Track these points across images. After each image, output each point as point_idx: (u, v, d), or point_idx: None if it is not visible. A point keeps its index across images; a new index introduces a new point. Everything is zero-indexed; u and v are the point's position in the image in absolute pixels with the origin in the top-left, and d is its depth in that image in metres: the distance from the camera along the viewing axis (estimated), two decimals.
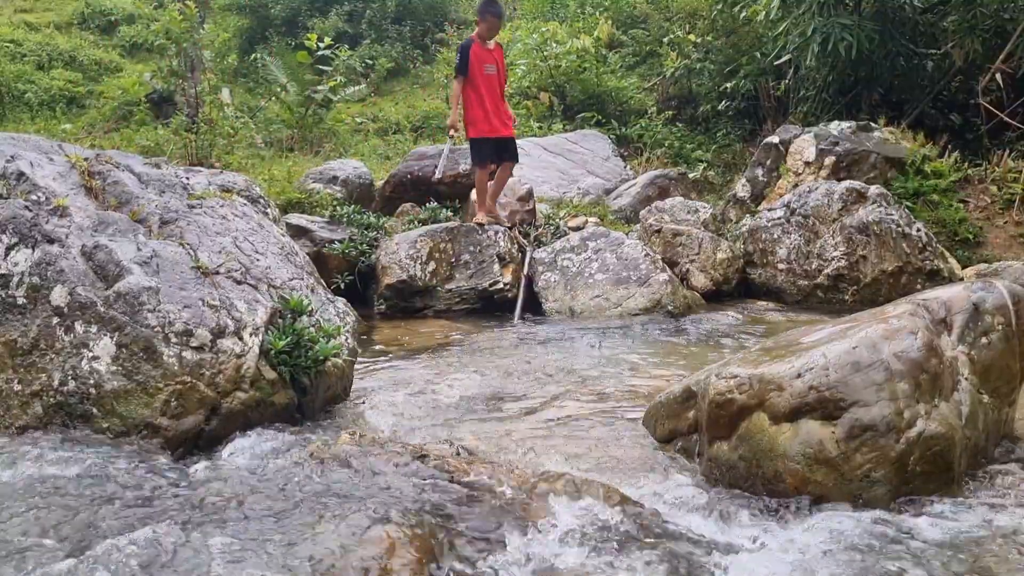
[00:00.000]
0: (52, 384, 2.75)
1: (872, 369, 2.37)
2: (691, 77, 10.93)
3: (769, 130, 9.18)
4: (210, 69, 10.46)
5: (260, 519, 2.04)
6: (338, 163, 8.22)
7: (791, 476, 2.35)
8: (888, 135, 7.83)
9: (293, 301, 3.23)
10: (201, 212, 3.47)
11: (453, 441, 2.79)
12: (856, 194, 6.28)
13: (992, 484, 2.50)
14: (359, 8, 17.54)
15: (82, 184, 3.36)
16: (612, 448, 2.93)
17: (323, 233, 6.48)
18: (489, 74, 6.09)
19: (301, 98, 11.39)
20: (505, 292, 6.04)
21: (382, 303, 6.11)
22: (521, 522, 2.08)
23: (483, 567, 1.92)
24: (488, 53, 6.09)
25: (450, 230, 6.26)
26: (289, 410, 3.09)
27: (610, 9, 12.69)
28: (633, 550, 2.01)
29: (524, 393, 3.72)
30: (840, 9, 8.46)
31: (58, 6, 18.45)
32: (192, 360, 2.81)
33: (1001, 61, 8.03)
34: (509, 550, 1.98)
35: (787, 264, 6.34)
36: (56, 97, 14.75)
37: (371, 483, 2.20)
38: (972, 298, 2.78)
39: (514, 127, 6.33)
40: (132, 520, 2.08)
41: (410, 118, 13.90)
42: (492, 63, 6.10)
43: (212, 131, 8.95)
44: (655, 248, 6.37)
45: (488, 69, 6.08)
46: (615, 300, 5.66)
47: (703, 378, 2.74)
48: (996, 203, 7.35)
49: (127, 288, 2.86)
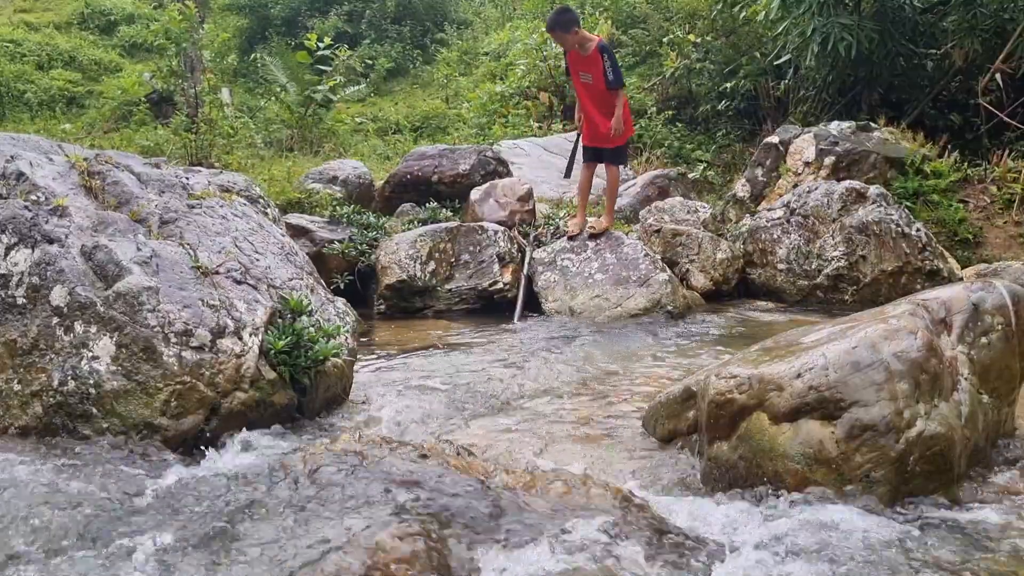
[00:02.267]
0: (52, 384, 2.75)
1: (872, 369, 2.37)
2: (691, 77, 10.93)
3: (769, 130, 9.18)
4: (210, 69, 10.47)
5: (259, 520, 2.04)
6: (338, 163, 8.22)
7: (791, 476, 2.35)
8: (888, 135, 7.83)
9: (293, 301, 3.23)
10: (201, 212, 3.47)
11: (453, 440, 2.79)
12: (856, 194, 6.28)
13: (992, 484, 2.50)
14: (359, 8, 17.55)
15: (82, 184, 3.36)
16: (612, 448, 2.93)
17: (323, 233, 6.48)
18: (584, 82, 5.97)
19: (301, 98, 11.39)
20: (505, 292, 6.04)
21: (382, 303, 6.11)
22: (521, 522, 2.08)
23: (483, 567, 1.92)
24: (583, 61, 5.91)
25: (450, 230, 6.26)
26: (289, 410, 3.09)
27: (610, 9, 12.69)
28: (633, 550, 2.01)
29: (524, 393, 3.71)
30: (840, 9, 8.46)
31: (58, 6, 18.45)
32: (192, 360, 2.81)
33: (1001, 61, 8.03)
34: (509, 550, 1.98)
35: (787, 264, 6.34)
36: (56, 97, 14.77)
37: (371, 483, 2.19)
38: (972, 298, 2.78)
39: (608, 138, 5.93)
40: (130, 521, 2.08)
41: (410, 118, 13.92)
42: (587, 71, 5.90)
43: (212, 131, 8.95)
44: (655, 248, 6.37)
45: (583, 77, 5.95)
46: (615, 300, 5.66)
47: (703, 378, 2.74)
48: (996, 203, 7.35)
49: (127, 288, 2.86)
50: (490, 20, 17.52)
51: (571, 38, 5.93)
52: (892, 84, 9.04)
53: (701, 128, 10.90)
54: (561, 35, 5.98)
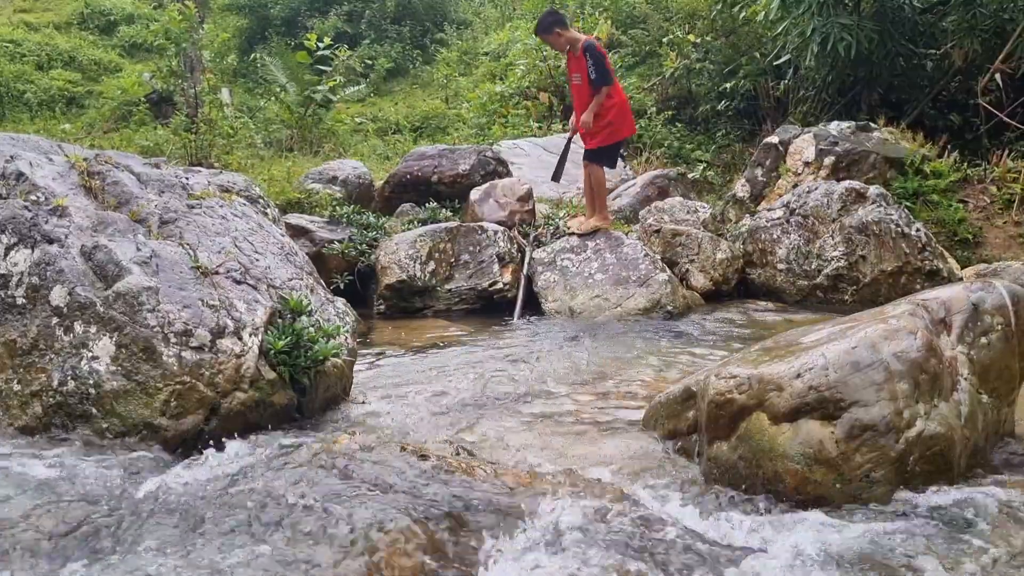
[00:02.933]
0: (52, 384, 2.75)
1: (872, 369, 2.37)
2: (690, 77, 10.93)
3: (768, 130, 9.18)
4: (209, 69, 10.48)
5: (259, 521, 2.04)
6: (337, 163, 8.22)
7: (791, 476, 2.35)
8: (888, 135, 7.83)
9: (292, 301, 3.23)
10: (200, 212, 3.47)
11: (453, 441, 2.79)
12: (855, 194, 6.28)
13: (991, 484, 2.50)
14: (359, 8, 17.55)
15: (81, 184, 3.36)
16: (612, 448, 2.93)
17: (323, 233, 6.48)
18: (575, 83, 6.03)
19: (300, 98, 11.39)
20: (505, 292, 6.04)
21: (381, 303, 6.11)
22: (521, 521, 2.08)
23: (482, 567, 1.92)
24: (573, 61, 5.97)
25: (450, 230, 6.26)
26: (289, 410, 3.09)
27: (610, 9, 12.70)
28: (632, 549, 2.01)
29: (524, 393, 3.71)
30: (839, 9, 8.46)
31: (57, 6, 18.46)
32: (191, 360, 2.81)
33: (1001, 61, 8.03)
34: (509, 549, 1.98)
35: (786, 264, 6.34)
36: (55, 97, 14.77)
37: (370, 483, 2.19)
38: (971, 298, 2.78)
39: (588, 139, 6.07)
40: (130, 521, 2.08)
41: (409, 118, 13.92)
42: (577, 72, 5.95)
43: (212, 131, 8.95)
44: (654, 248, 6.37)
45: (575, 78, 6.01)
46: (615, 300, 5.66)
47: (703, 378, 2.74)
48: (995, 203, 7.35)
49: (126, 288, 2.86)
50: (490, 20, 17.53)
51: (556, 40, 5.96)
52: (892, 84, 9.04)
53: (701, 128, 10.90)
54: (546, 38, 6.04)
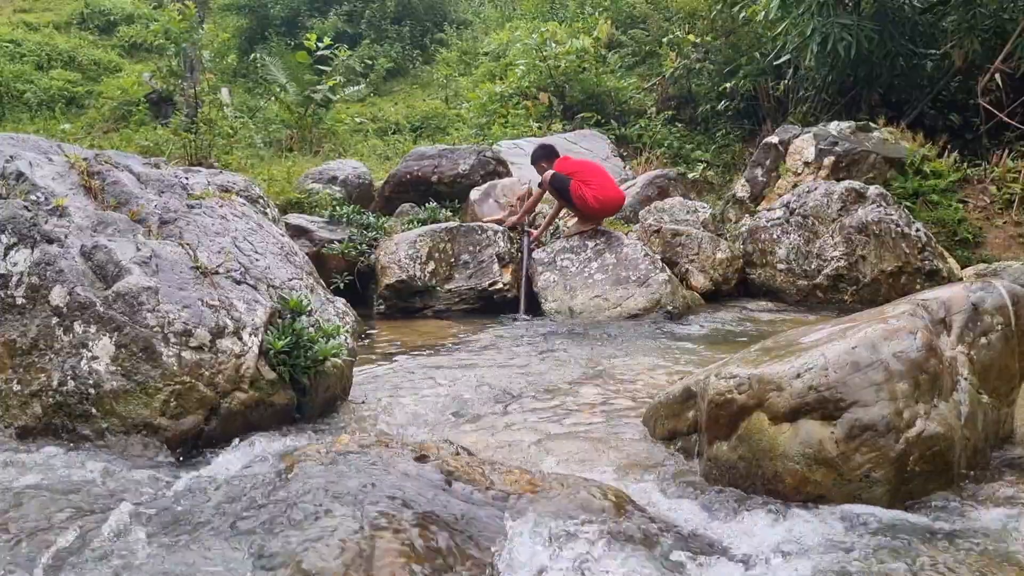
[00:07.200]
0: (51, 384, 2.75)
1: (871, 369, 2.37)
2: (690, 77, 10.94)
3: (768, 130, 9.18)
4: (209, 69, 10.47)
5: (257, 521, 2.04)
6: (337, 163, 8.23)
7: (791, 476, 2.35)
8: (887, 135, 7.83)
9: (292, 301, 3.23)
10: (200, 212, 3.47)
11: (453, 441, 2.79)
12: (855, 194, 6.28)
13: (991, 484, 2.50)
14: (359, 8, 17.56)
15: (81, 184, 3.36)
16: (611, 448, 2.93)
17: (322, 233, 6.49)
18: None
19: (300, 98, 11.40)
20: (504, 292, 6.04)
21: (381, 303, 6.11)
22: (521, 522, 2.08)
23: (481, 568, 1.92)
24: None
25: (449, 230, 6.26)
26: (288, 410, 3.09)
27: (610, 9, 12.71)
28: (632, 550, 2.01)
29: (523, 393, 3.71)
30: (839, 9, 8.46)
31: (57, 6, 18.47)
32: (191, 360, 2.81)
33: (1000, 61, 8.03)
34: (508, 550, 1.98)
35: (786, 264, 6.34)
36: (55, 97, 14.77)
37: (370, 483, 2.19)
38: (971, 298, 2.77)
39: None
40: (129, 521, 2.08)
41: (410, 118, 13.92)
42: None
43: (211, 131, 8.96)
44: (654, 248, 6.37)
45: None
46: (614, 300, 5.66)
47: (702, 378, 2.74)
48: (995, 203, 7.36)
49: (126, 288, 2.86)
50: (490, 20, 17.54)
51: (540, 170, 6.52)
52: (892, 84, 9.05)
53: (701, 128, 10.91)
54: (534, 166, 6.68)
